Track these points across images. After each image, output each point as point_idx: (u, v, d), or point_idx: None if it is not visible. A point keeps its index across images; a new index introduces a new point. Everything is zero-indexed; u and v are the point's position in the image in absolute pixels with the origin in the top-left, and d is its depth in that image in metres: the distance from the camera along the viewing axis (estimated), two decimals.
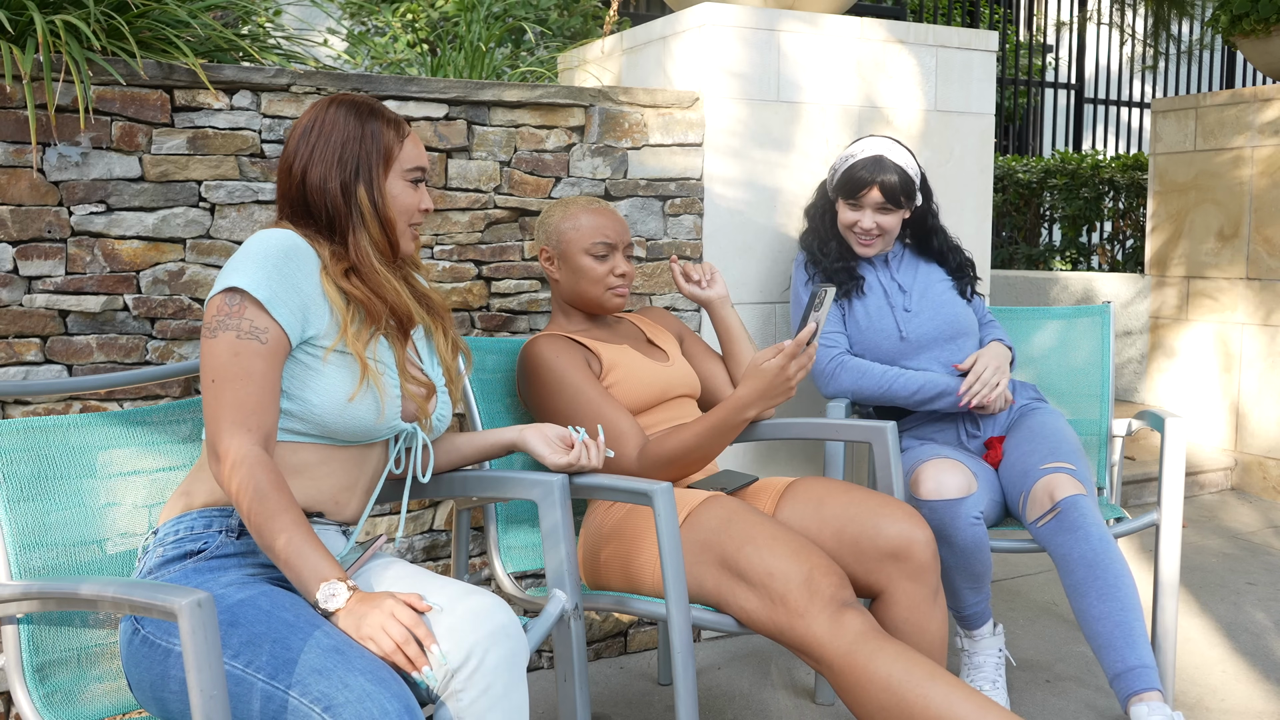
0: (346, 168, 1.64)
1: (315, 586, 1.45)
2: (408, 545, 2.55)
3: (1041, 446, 2.39)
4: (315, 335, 1.57)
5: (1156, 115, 4.80)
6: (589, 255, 2.19)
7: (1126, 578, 2.19)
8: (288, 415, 1.58)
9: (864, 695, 1.76)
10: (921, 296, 2.59)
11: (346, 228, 1.64)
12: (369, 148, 1.65)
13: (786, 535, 1.89)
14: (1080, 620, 2.21)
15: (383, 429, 1.64)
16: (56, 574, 1.62)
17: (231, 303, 1.53)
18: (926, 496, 2.25)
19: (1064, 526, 2.23)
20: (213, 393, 1.51)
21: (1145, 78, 8.72)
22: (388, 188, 1.67)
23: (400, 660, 1.40)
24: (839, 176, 2.54)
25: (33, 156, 2.13)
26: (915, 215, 2.63)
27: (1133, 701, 2.12)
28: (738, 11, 2.78)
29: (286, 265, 1.55)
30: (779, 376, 1.96)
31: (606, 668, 2.74)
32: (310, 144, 1.65)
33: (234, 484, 1.48)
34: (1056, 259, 6.54)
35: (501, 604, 1.52)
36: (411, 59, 4.22)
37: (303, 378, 1.57)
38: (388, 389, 1.62)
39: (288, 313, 1.54)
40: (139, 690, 1.51)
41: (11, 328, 2.15)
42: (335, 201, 1.63)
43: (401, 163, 1.68)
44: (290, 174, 1.66)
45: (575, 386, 2.07)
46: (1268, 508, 4.27)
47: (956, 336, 2.57)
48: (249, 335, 1.51)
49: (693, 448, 2.02)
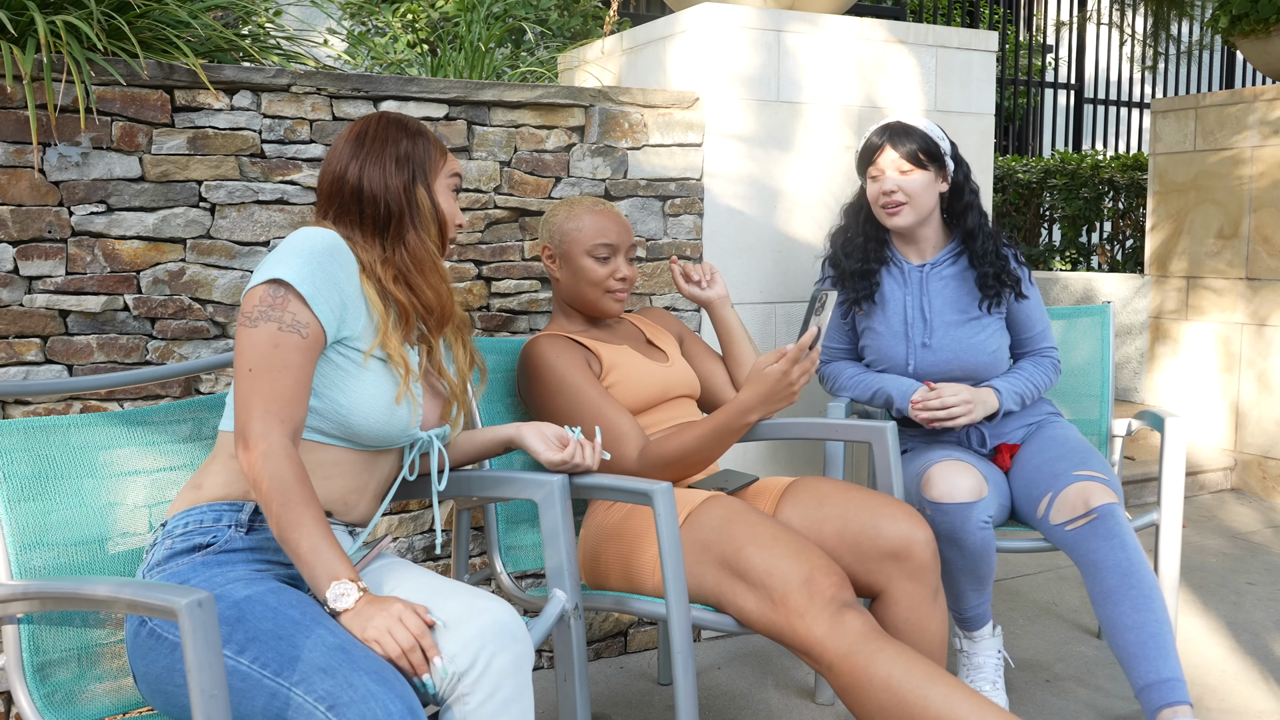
0: (405, 171, 1.70)
1: (327, 584, 1.46)
2: (408, 545, 2.55)
3: (1072, 454, 2.38)
4: (350, 336, 1.59)
5: (1156, 115, 4.80)
6: (590, 257, 2.19)
7: (1159, 590, 2.18)
8: (313, 413, 1.59)
9: (864, 696, 1.76)
10: (944, 332, 2.47)
11: (404, 226, 1.69)
12: (422, 155, 1.72)
13: (787, 535, 1.89)
14: (1109, 627, 2.18)
15: (403, 435, 1.66)
16: (56, 574, 1.62)
17: (275, 295, 1.54)
18: (938, 498, 2.24)
19: (1099, 533, 2.22)
20: (248, 381, 1.52)
21: (1145, 78, 8.72)
22: (437, 192, 1.74)
23: (404, 664, 1.42)
24: (859, 153, 2.51)
25: (33, 156, 2.13)
26: (953, 189, 2.50)
27: (1164, 714, 2.10)
28: (738, 11, 2.78)
29: (330, 263, 1.58)
30: (781, 381, 1.96)
31: (606, 668, 2.74)
32: (365, 150, 1.70)
33: (261, 473, 1.48)
34: (1056, 259, 6.54)
35: (507, 607, 1.53)
36: (411, 59, 4.22)
37: (333, 379, 1.59)
38: (418, 394, 1.65)
39: (328, 310, 1.56)
40: (144, 683, 1.52)
41: (12, 328, 2.15)
42: (397, 200, 1.68)
43: (445, 172, 1.76)
44: (341, 179, 1.70)
45: (576, 386, 2.07)
46: (1267, 508, 4.27)
47: (969, 379, 2.49)
48: (290, 328, 1.53)
49: (694, 450, 2.02)
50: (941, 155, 2.46)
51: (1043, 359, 2.57)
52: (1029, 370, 2.53)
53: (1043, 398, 2.61)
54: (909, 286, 2.52)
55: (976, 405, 2.40)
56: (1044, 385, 2.54)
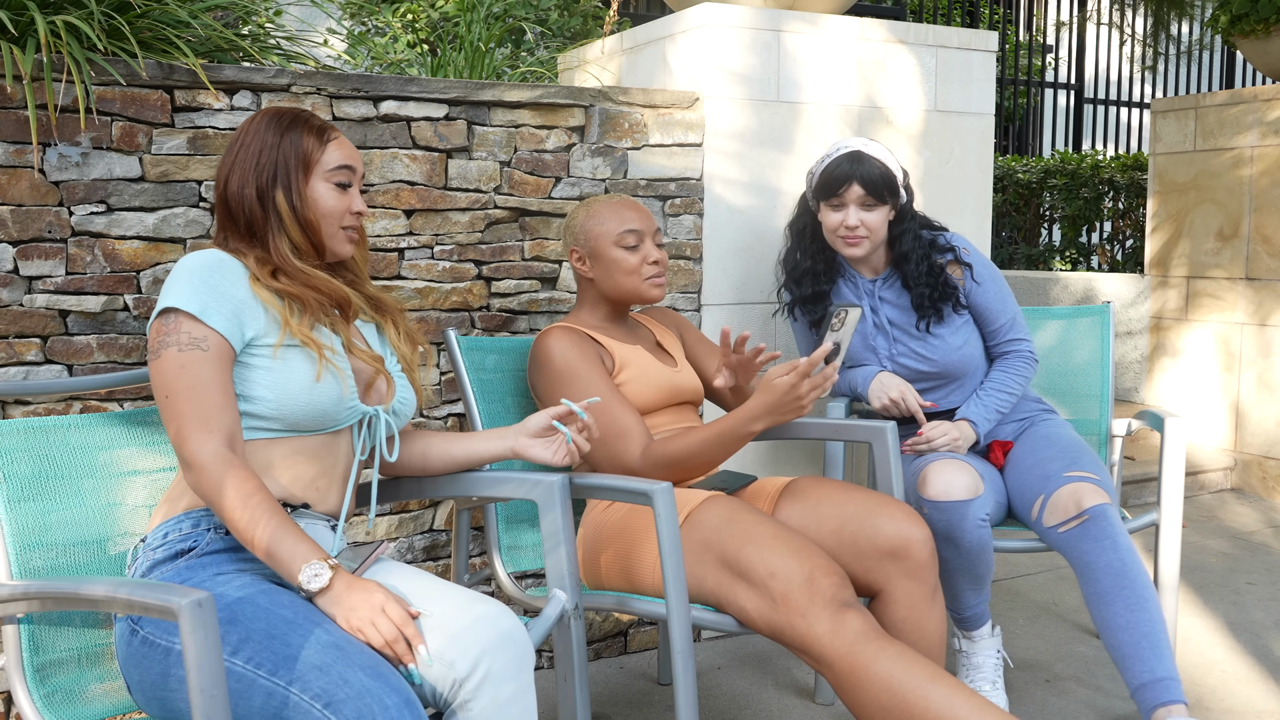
0: (263, 174, 1.69)
1: (298, 568, 1.47)
2: (408, 545, 2.55)
3: (1063, 454, 2.39)
4: (255, 336, 1.60)
5: (1156, 115, 4.80)
6: (620, 247, 2.19)
7: (1152, 589, 2.19)
8: (248, 415, 1.61)
9: (865, 696, 1.76)
10: (907, 340, 2.51)
11: (266, 232, 1.69)
12: (286, 153, 1.70)
13: (787, 535, 1.89)
14: (1103, 628, 2.19)
15: (344, 412, 1.66)
16: (56, 574, 1.62)
17: (168, 323, 1.58)
18: (934, 497, 2.24)
19: (1090, 534, 2.22)
20: (169, 407, 1.55)
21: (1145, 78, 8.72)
22: (309, 192, 1.71)
23: (389, 654, 1.44)
24: (817, 179, 2.47)
25: (33, 156, 2.13)
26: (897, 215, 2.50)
27: (1159, 714, 2.11)
28: (738, 11, 2.78)
29: (214, 276, 1.60)
30: (789, 394, 1.94)
31: (606, 668, 2.74)
32: (233, 155, 1.71)
33: (207, 485, 1.51)
34: (1056, 259, 6.54)
35: (506, 610, 1.54)
36: (411, 59, 4.22)
37: (254, 378, 1.60)
38: (344, 369, 1.65)
39: (222, 319, 1.58)
40: (138, 691, 1.52)
41: (12, 328, 2.15)
42: (252, 207, 1.68)
43: (324, 165, 1.72)
44: (218, 186, 1.72)
45: (587, 379, 2.08)
46: (1268, 508, 4.27)
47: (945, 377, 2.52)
48: (190, 346, 1.56)
49: (697, 453, 2.02)
50: (898, 188, 2.46)
51: (1012, 359, 2.55)
52: (999, 379, 2.53)
53: (1030, 395, 2.63)
54: (865, 299, 2.55)
55: (956, 444, 2.44)
56: (1019, 387, 2.54)
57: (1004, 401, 2.51)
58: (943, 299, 2.48)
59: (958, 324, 2.51)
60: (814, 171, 2.50)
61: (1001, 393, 2.52)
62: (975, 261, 2.52)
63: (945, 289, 2.48)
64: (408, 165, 2.47)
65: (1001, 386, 2.52)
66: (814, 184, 2.49)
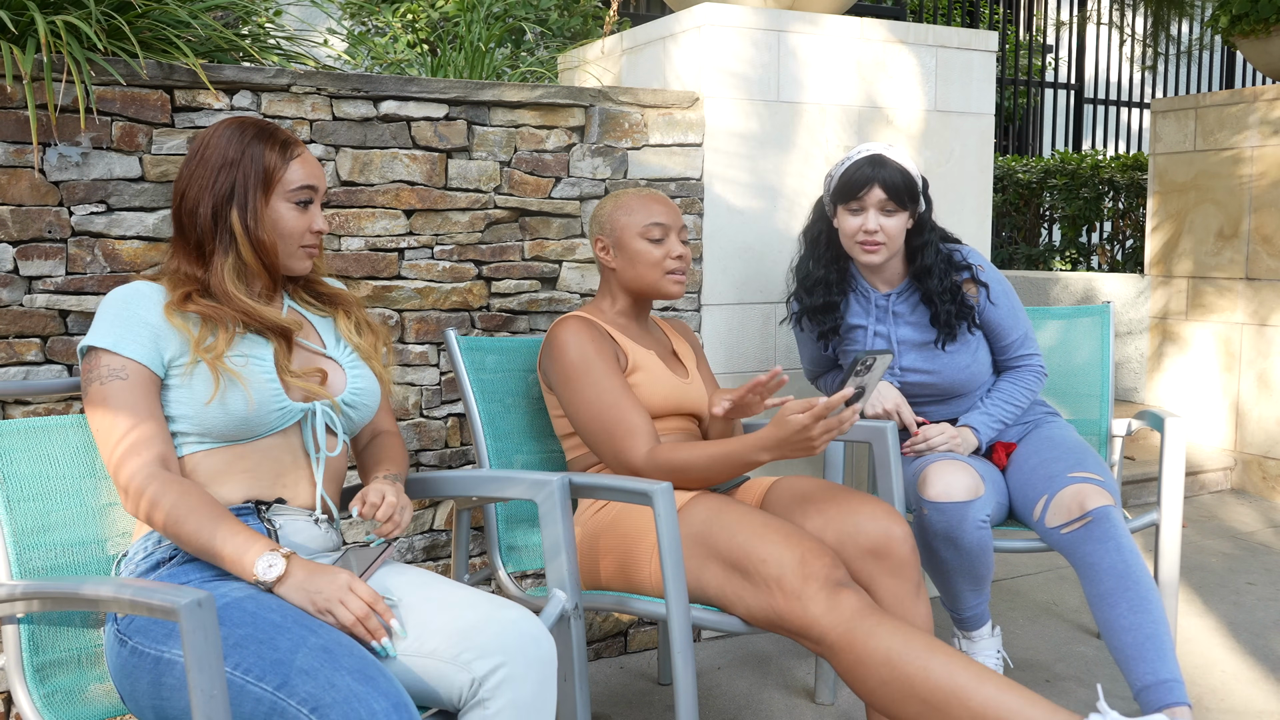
0: (221, 191, 1.67)
1: (250, 563, 1.47)
2: (408, 545, 2.55)
3: (1067, 456, 2.38)
4: (173, 359, 1.62)
5: (1156, 115, 4.80)
6: (644, 239, 2.19)
7: (1156, 591, 2.18)
8: (181, 434, 1.62)
9: (865, 672, 1.76)
10: (915, 357, 2.48)
11: (213, 249, 1.68)
12: (246, 171, 1.67)
13: (776, 523, 1.90)
14: (1106, 630, 2.18)
15: (272, 415, 1.65)
16: (56, 574, 1.63)
17: (89, 362, 1.61)
18: (935, 498, 2.24)
19: (1094, 536, 2.22)
20: (101, 440, 1.58)
21: (1145, 78, 8.72)
22: (268, 212, 1.69)
23: (360, 632, 1.45)
24: (837, 181, 2.41)
25: (33, 156, 2.13)
26: (916, 224, 2.46)
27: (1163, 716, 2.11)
28: (738, 11, 2.78)
29: (129, 308, 1.62)
30: (800, 433, 1.89)
31: (606, 668, 2.74)
32: (191, 168, 1.70)
33: (143, 507, 1.53)
34: (1056, 259, 6.55)
35: (529, 615, 1.54)
36: (411, 59, 4.22)
37: (172, 398, 1.62)
38: (254, 379, 1.63)
39: (138, 346, 1.59)
40: (132, 701, 1.52)
41: (12, 328, 2.15)
42: (205, 225, 1.68)
43: (285, 184, 1.70)
44: (174, 196, 1.71)
45: (600, 372, 2.08)
46: (1268, 508, 4.27)
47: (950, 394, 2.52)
48: (110, 378, 1.58)
49: (701, 466, 2.01)
50: (919, 194, 2.42)
51: (1023, 372, 2.54)
52: (1006, 390, 2.52)
53: (1036, 399, 2.62)
54: (876, 314, 2.50)
55: (962, 443, 2.44)
56: (1025, 400, 2.52)
57: (1008, 413, 2.50)
58: (959, 318, 2.45)
59: (968, 342, 2.48)
60: (833, 174, 2.44)
61: (1007, 404, 2.51)
62: (991, 280, 2.48)
63: (962, 308, 2.45)
64: (408, 165, 2.47)
65: (1008, 398, 2.51)
66: (833, 187, 2.43)
